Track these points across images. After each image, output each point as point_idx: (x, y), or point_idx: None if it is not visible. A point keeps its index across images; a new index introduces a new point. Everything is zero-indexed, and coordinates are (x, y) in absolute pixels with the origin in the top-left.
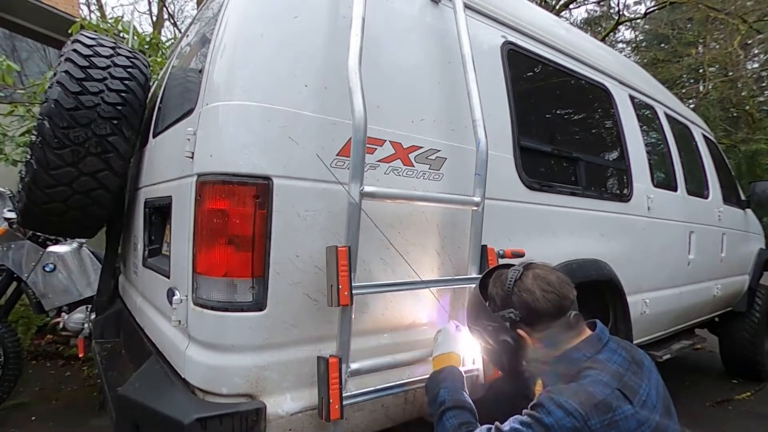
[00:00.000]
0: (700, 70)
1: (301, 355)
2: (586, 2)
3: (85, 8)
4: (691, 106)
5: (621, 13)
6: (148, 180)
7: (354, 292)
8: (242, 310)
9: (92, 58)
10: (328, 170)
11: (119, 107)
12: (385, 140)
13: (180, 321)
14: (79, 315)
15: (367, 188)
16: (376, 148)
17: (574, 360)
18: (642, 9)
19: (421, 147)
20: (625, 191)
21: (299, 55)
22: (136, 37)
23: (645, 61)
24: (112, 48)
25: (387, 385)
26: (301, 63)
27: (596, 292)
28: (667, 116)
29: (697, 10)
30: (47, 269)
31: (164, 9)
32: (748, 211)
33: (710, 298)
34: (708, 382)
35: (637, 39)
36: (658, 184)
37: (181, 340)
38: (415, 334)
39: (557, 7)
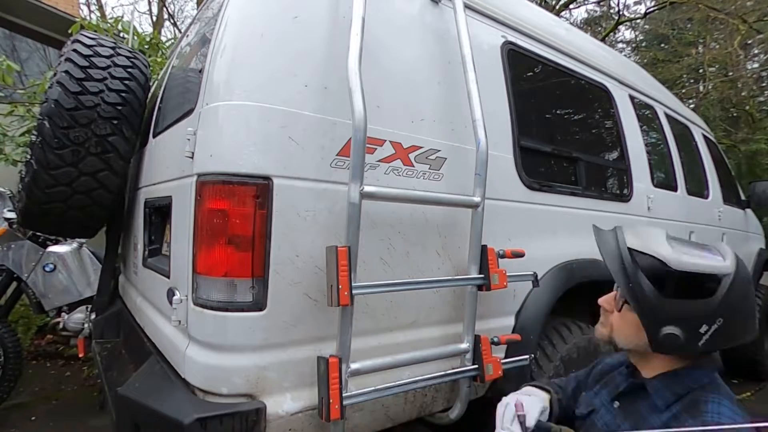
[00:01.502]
0: (700, 70)
1: (301, 355)
2: (586, 2)
3: (85, 8)
4: (691, 106)
5: (621, 13)
6: (148, 180)
7: (354, 292)
8: (242, 310)
9: (92, 58)
10: (329, 171)
11: (119, 107)
12: (385, 140)
13: (180, 321)
14: (79, 315)
15: (367, 188)
16: (376, 148)
17: (695, 378)
18: (642, 9)
19: (421, 147)
20: (625, 191)
21: (299, 55)
22: (136, 37)
23: (645, 61)
24: (112, 48)
25: (387, 385)
26: (301, 63)
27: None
28: (667, 116)
29: (697, 10)
30: (47, 269)
31: (164, 9)
32: (748, 211)
33: None
34: None
35: (637, 39)
36: (658, 184)
37: (181, 340)
38: (415, 334)
39: (557, 7)
